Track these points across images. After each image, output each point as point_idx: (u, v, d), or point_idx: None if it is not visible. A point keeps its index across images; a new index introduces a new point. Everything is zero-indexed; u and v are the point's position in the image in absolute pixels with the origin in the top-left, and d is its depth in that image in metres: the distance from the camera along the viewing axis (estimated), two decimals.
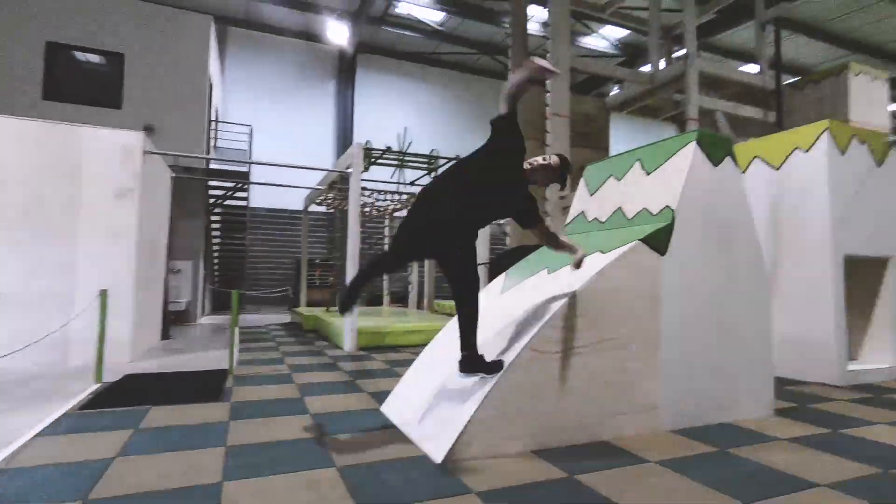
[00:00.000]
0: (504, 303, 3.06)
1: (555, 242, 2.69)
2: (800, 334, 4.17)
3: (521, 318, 2.65)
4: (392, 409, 3.00)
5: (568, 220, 3.88)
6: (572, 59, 7.49)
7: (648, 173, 3.21)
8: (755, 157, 4.68)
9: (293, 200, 12.09)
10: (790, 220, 4.33)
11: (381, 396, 3.29)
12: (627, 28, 10.65)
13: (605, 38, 13.63)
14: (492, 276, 6.16)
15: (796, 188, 4.33)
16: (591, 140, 8.70)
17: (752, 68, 9.09)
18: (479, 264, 6.83)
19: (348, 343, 5.66)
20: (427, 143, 10.26)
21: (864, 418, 3.01)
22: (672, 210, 2.87)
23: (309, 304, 10.04)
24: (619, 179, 3.45)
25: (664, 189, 3.01)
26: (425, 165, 7.74)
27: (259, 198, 12.74)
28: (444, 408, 2.51)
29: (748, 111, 8.39)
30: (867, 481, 2.05)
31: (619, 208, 3.32)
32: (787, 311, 4.22)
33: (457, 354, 2.35)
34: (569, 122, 7.26)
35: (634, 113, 10.09)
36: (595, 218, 3.54)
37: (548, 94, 7.09)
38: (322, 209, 10.96)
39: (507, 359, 2.38)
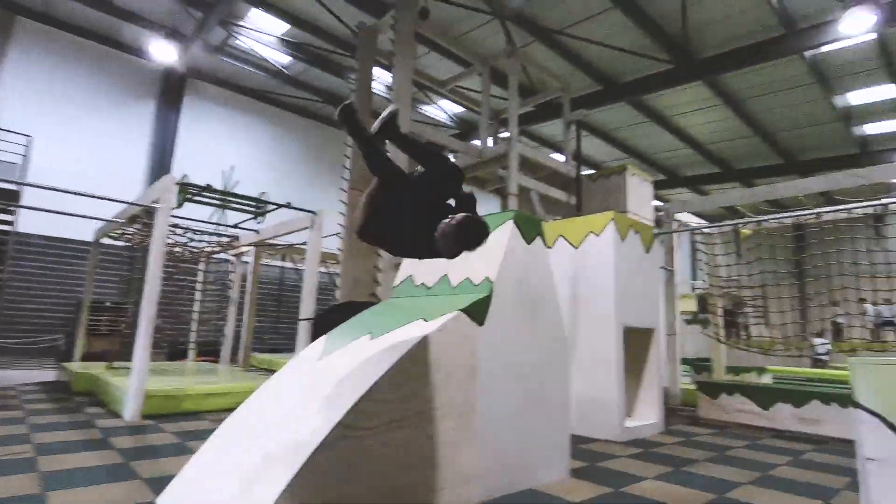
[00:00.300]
0: (320, 370, 2.83)
1: None
2: (590, 395, 4.71)
3: (336, 391, 2.46)
4: (173, 500, 2.47)
5: (396, 281, 3.87)
6: (412, 124, 7.86)
7: None
8: (560, 235, 5.35)
9: (81, 229, 10.08)
10: (585, 294, 4.98)
11: (161, 483, 2.71)
12: (462, 105, 11.71)
13: (443, 110, 14.77)
14: (315, 333, 5.81)
15: (590, 266, 5.02)
16: None
17: (560, 157, 10.67)
18: (303, 319, 6.43)
19: (130, 410, 4.69)
20: (257, 186, 9.61)
21: (638, 474, 3.43)
22: (491, 282, 3.05)
23: (87, 358, 8.21)
24: None
25: (485, 261, 3.19)
26: (252, 209, 7.18)
27: (33, 223, 10.34)
28: (237, 499, 2.14)
29: (556, 193, 9.72)
30: None
31: (445, 276, 3.41)
32: (581, 374, 4.75)
33: (270, 421, 2.14)
34: None
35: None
36: (422, 283, 3.58)
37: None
38: (120, 243, 9.34)
39: (316, 439, 2.15)
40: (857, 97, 11.67)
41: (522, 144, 8.92)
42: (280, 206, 6.96)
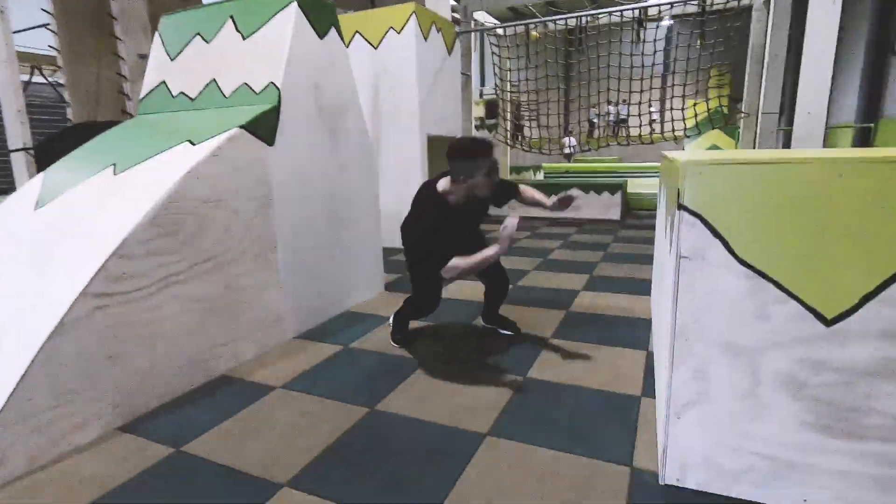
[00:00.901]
0: (42, 223, 2.03)
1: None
2: (396, 208, 4.66)
3: (71, 250, 1.79)
4: None
5: (144, 90, 2.86)
6: None
7: (245, 37, 2.56)
8: (356, 31, 4.58)
9: None
10: (387, 101, 4.56)
11: None
12: None
13: None
14: (40, 169, 4.34)
15: (392, 69, 4.51)
16: None
17: None
18: (19, 150, 4.73)
19: None
20: None
21: None
22: (277, 88, 2.40)
23: None
24: (209, 42, 2.66)
25: (266, 61, 2.46)
26: None
27: None
28: None
29: None
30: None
31: (214, 81, 2.59)
32: (387, 185, 4.60)
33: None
34: None
35: None
36: (182, 92, 2.70)
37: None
38: None
39: (54, 317, 1.56)
40: None
41: None
42: None
